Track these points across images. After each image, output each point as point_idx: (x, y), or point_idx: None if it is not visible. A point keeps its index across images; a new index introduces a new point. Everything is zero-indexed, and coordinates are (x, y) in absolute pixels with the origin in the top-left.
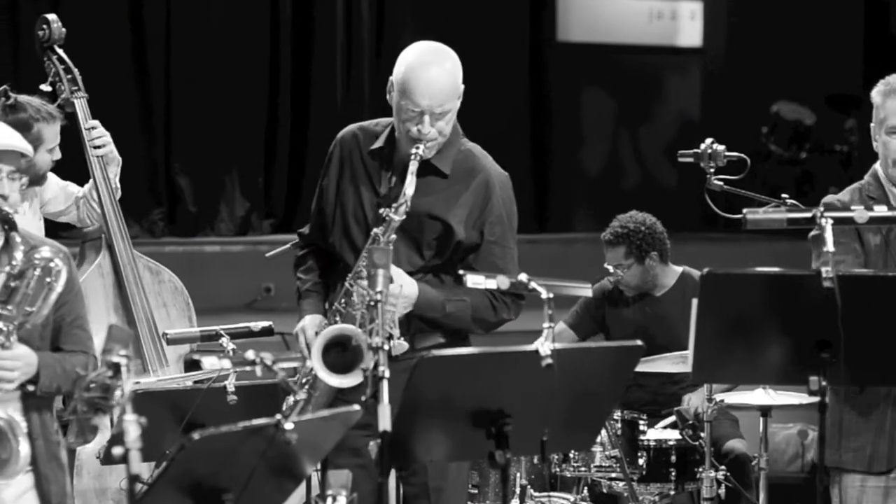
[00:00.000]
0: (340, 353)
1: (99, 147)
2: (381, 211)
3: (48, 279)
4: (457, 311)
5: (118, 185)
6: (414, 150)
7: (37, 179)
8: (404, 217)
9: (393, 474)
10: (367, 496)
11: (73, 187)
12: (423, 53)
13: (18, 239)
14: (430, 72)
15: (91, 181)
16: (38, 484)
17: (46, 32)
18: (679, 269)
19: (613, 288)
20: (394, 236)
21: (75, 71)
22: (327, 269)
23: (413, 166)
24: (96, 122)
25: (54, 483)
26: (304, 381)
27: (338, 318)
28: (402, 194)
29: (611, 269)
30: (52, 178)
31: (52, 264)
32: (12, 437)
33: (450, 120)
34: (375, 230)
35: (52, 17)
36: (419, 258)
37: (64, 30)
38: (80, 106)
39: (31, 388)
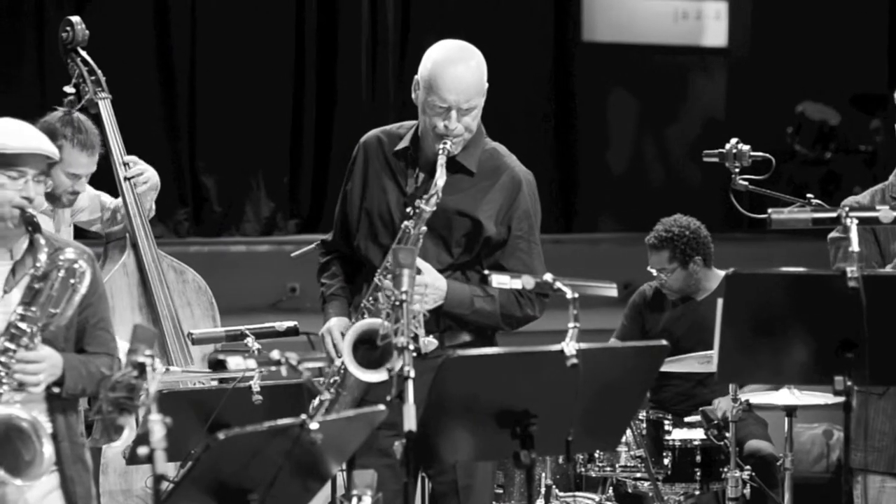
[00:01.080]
0: (369, 350)
1: (140, 183)
2: (412, 206)
3: (72, 280)
4: (485, 308)
5: (153, 207)
6: (441, 146)
7: (48, 196)
8: (434, 209)
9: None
10: (394, 496)
11: (105, 197)
12: (449, 50)
13: (42, 241)
14: (456, 68)
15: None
16: (64, 485)
17: (70, 34)
18: (722, 273)
19: (654, 292)
20: (424, 228)
21: (99, 72)
22: (351, 275)
23: (442, 159)
24: (134, 158)
25: (79, 485)
26: (331, 380)
27: (365, 316)
28: (434, 185)
29: (654, 272)
30: (87, 188)
31: (76, 266)
32: (36, 438)
33: (475, 116)
34: (406, 223)
35: (75, 19)
36: (448, 255)
37: (87, 32)
38: (105, 107)
39: (56, 390)
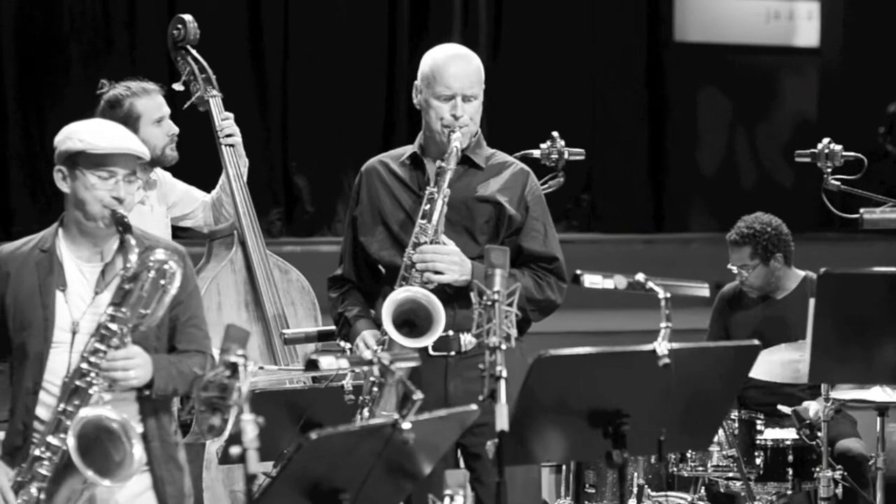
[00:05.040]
0: (409, 333)
1: (230, 135)
2: (436, 173)
3: (162, 281)
4: None
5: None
6: (450, 130)
7: (156, 160)
8: (454, 168)
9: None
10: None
11: (196, 192)
12: (446, 49)
13: (133, 241)
14: (458, 60)
15: (220, 184)
16: (155, 485)
17: (181, 32)
18: (801, 273)
19: (735, 291)
20: (448, 191)
21: (210, 70)
22: (367, 303)
23: (454, 135)
24: (230, 115)
25: (171, 484)
26: (371, 380)
27: None
28: (450, 144)
29: (734, 269)
30: (176, 182)
31: (166, 266)
32: (126, 439)
33: (478, 108)
34: (429, 188)
35: (187, 17)
36: (474, 244)
37: (198, 30)
38: (215, 104)
39: (146, 392)
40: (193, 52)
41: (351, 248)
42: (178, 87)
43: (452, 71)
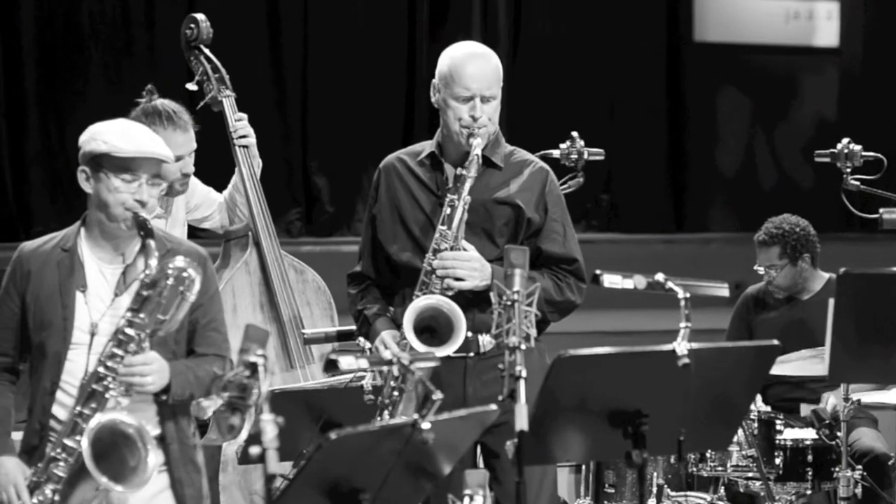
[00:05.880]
0: (430, 339)
1: (244, 136)
2: (455, 177)
3: (181, 288)
4: None
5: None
6: (469, 132)
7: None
8: (476, 175)
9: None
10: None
11: (214, 194)
12: (464, 47)
13: (154, 245)
14: (476, 60)
15: (231, 184)
16: (174, 487)
17: (194, 31)
18: (826, 275)
19: (760, 292)
20: (468, 198)
21: (223, 70)
22: (386, 300)
23: (474, 140)
24: (244, 115)
25: (189, 486)
26: (391, 383)
27: None
28: (472, 151)
29: (762, 270)
30: (198, 184)
31: (185, 274)
32: (141, 445)
33: (496, 108)
34: (450, 196)
35: (200, 16)
36: (493, 246)
37: (211, 29)
38: (228, 104)
39: (163, 397)
40: (206, 51)
41: (370, 246)
42: (191, 86)
43: (470, 71)
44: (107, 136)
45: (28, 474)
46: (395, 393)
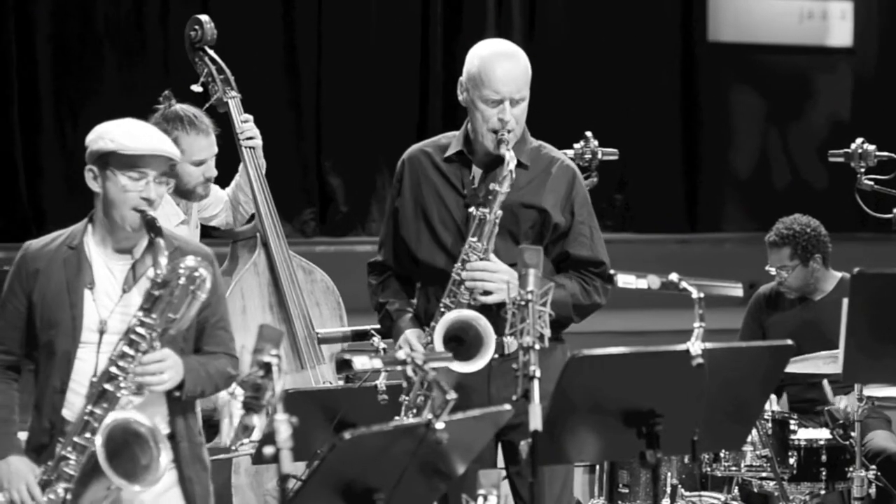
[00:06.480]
0: (458, 347)
1: (250, 138)
2: (484, 191)
3: (192, 287)
4: (559, 299)
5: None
6: (499, 139)
7: (185, 193)
8: (509, 191)
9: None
10: None
11: (220, 191)
12: (493, 46)
13: (163, 244)
14: (505, 61)
15: (234, 183)
16: (182, 484)
17: (199, 33)
18: (838, 274)
19: (773, 292)
20: (500, 212)
21: (228, 71)
22: (409, 293)
23: (503, 147)
24: (249, 117)
25: (198, 484)
26: (418, 393)
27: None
28: (506, 165)
29: (773, 270)
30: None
31: (196, 273)
32: (153, 444)
33: (524, 109)
34: (480, 210)
35: (204, 17)
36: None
37: (216, 31)
38: (234, 105)
39: (177, 393)
40: (211, 52)
41: (392, 238)
42: (196, 88)
43: (500, 74)
44: (114, 134)
45: (38, 472)
46: (421, 398)
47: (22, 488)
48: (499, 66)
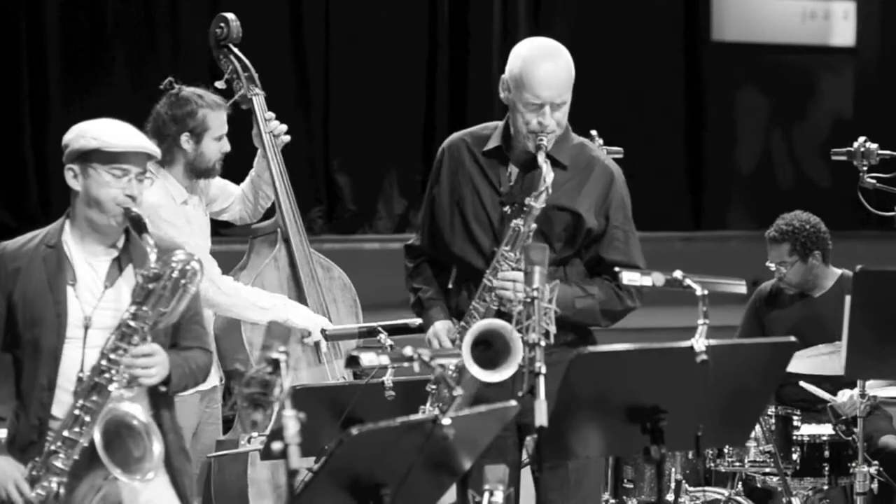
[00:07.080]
0: (484, 351)
1: (279, 135)
2: (518, 203)
3: (183, 281)
4: (586, 308)
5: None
6: (538, 143)
7: (206, 171)
8: (544, 205)
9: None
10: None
11: (231, 186)
12: (538, 48)
13: (151, 241)
14: (547, 64)
15: (250, 178)
16: (171, 474)
17: (224, 30)
18: (838, 271)
19: (772, 289)
20: (534, 225)
21: (252, 69)
22: (440, 278)
23: (542, 156)
24: (272, 114)
25: (186, 475)
26: (446, 393)
27: (476, 318)
28: (542, 181)
29: (773, 266)
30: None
31: (188, 266)
32: (146, 437)
33: (566, 112)
34: (515, 221)
35: (230, 15)
36: (551, 251)
37: (241, 29)
38: (258, 103)
39: (162, 388)
40: (236, 50)
41: (428, 225)
42: (220, 85)
43: (541, 78)
44: (96, 132)
45: (24, 470)
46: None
47: (10, 487)
48: (541, 68)
